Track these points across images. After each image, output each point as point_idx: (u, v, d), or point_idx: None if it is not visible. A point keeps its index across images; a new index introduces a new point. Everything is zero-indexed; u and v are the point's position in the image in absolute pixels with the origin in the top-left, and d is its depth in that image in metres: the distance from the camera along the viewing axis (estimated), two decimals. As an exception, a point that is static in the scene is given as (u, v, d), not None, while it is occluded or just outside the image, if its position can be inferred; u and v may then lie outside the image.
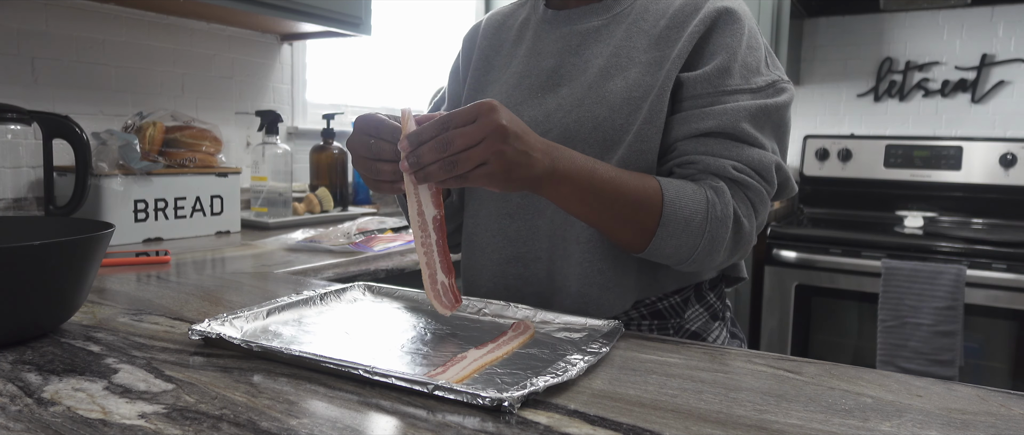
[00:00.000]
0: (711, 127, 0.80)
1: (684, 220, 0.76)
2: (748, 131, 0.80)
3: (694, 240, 0.77)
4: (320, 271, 1.25)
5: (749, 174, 0.80)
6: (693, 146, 0.81)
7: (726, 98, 0.81)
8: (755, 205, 0.80)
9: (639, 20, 0.88)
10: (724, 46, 0.82)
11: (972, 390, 0.62)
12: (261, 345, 0.65)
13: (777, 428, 0.53)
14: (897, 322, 2.06)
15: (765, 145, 0.81)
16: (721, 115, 0.80)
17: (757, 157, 0.80)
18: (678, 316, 0.90)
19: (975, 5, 2.55)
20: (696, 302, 0.92)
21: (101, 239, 0.73)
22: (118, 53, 1.65)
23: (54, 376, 0.61)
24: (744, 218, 0.79)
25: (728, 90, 0.81)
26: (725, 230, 0.77)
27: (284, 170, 1.80)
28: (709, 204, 0.77)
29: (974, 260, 2.04)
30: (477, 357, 0.65)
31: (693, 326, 0.91)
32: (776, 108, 0.82)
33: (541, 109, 0.89)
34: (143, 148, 1.47)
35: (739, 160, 0.80)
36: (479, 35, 1.02)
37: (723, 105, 0.80)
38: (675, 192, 0.77)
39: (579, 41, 0.91)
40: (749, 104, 0.80)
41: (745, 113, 0.80)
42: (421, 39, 2.63)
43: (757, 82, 0.82)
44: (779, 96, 0.83)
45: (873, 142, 2.68)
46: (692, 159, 0.81)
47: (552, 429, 0.51)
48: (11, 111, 1.22)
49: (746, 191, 0.80)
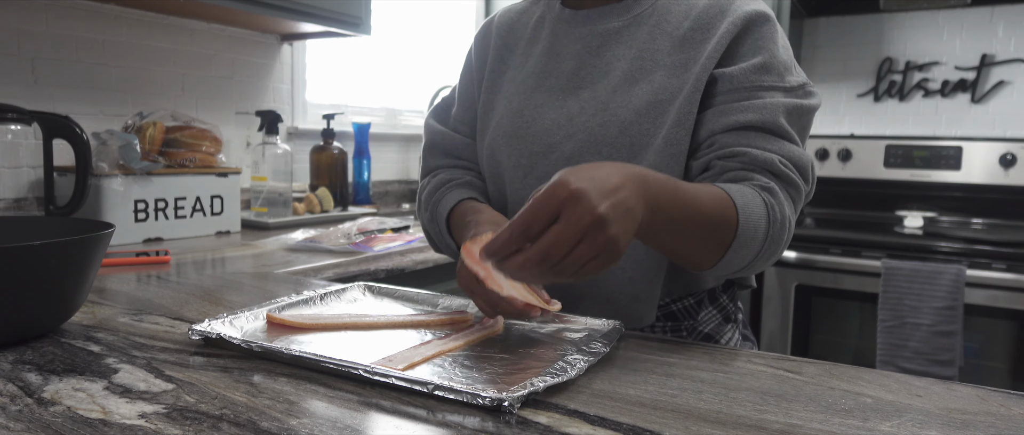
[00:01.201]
0: (752, 120, 0.79)
1: (754, 229, 0.73)
2: (785, 127, 0.79)
3: (759, 246, 0.75)
4: (320, 271, 1.25)
5: (792, 169, 0.78)
6: (735, 138, 0.79)
7: (764, 94, 0.80)
8: (795, 202, 0.79)
9: (661, 21, 0.87)
10: (761, 46, 0.82)
11: (972, 390, 0.62)
12: (261, 345, 0.65)
13: (777, 428, 0.53)
14: (897, 322, 2.06)
15: (799, 143, 0.81)
16: (761, 109, 0.79)
17: (797, 153, 0.79)
18: (691, 318, 0.90)
19: (975, 5, 2.55)
20: (709, 305, 0.91)
21: (101, 239, 0.73)
22: (118, 53, 1.65)
23: (54, 376, 0.61)
24: (791, 215, 0.78)
25: (765, 86, 0.80)
26: (784, 232, 0.76)
27: (284, 170, 1.80)
28: (768, 208, 0.75)
29: (974, 260, 2.04)
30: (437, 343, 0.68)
31: (706, 328, 0.91)
32: (808, 109, 0.82)
33: (563, 112, 0.89)
34: (143, 148, 1.47)
35: (783, 155, 0.78)
36: (493, 33, 1.00)
37: (762, 100, 0.80)
38: (743, 201, 0.73)
39: (599, 42, 0.89)
40: (785, 101, 0.80)
41: (783, 109, 0.79)
42: (421, 39, 2.63)
43: (790, 82, 0.82)
44: (810, 99, 0.83)
45: (873, 142, 2.68)
46: (737, 151, 0.78)
47: (552, 429, 0.51)
48: (11, 111, 1.22)
49: (789, 187, 0.78)
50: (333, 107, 2.27)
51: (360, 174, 2.22)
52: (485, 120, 0.97)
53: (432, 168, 1.03)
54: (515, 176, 0.92)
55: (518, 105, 0.93)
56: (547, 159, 0.89)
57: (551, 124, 0.89)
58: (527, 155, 0.90)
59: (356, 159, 2.21)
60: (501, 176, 0.94)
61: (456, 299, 0.87)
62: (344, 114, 2.29)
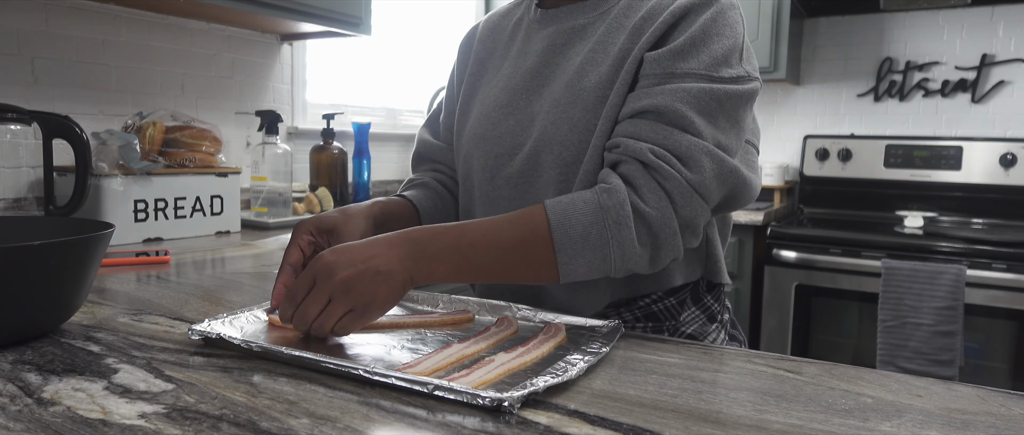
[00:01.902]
0: (645, 106, 0.76)
1: (580, 238, 0.73)
2: (683, 113, 0.75)
3: (601, 251, 0.73)
4: (320, 271, 1.24)
5: (668, 160, 0.74)
6: (624, 128, 0.78)
7: (674, 80, 0.77)
8: (671, 194, 0.74)
9: (621, 16, 0.86)
10: (688, 31, 0.78)
11: (972, 390, 0.62)
12: (261, 345, 0.65)
13: (777, 428, 0.53)
14: (897, 322, 2.06)
15: (702, 132, 0.75)
16: (659, 95, 0.76)
17: (686, 143, 0.74)
18: (674, 318, 0.89)
19: (975, 5, 2.55)
20: (692, 305, 0.90)
21: (101, 239, 0.73)
22: (118, 53, 1.65)
23: (54, 376, 0.61)
24: (650, 209, 0.73)
25: (678, 72, 0.77)
26: (628, 230, 0.73)
27: (284, 170, 1.80)
28: (602, 210, 0.73)
29: (974, 260, 2.04)
30: (505, 361, 0.64)
31: (689, 329, 0.90)
32: (728, 96, 0.77)
33: (526, 113, 0.89)
34: (143, 148, 1.47)
35: (661, 145, 0.75)
36: (475, 39, 1.01)
37: (666, 86, 0.77)
38: (562, 214, 0.73)
39: (565, 40, 0.89)
40: (692, 86, 0.76)
41: (685, 95, 0.75)
42: (421, 39, 2.63)
43: (719, 71, 0.77)
44: (739, 85, 0.78)
45: (873, 142, 2.68)
46: (618, 141, 0.77)
47: (552, 429, 0.51)
48: (11, 111, 1.22)
49: (662, 180, 0.74)
50: (333, 107, 2.27)
51: (360, 174, 2.22)
52: (461, 124, 0.98)
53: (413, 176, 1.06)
54: (483, 178, 0.92)
55: (488, 108, 0.93)
56: (511, 161, 0.89)
57: (515, 125, 0.89)
58: (493, 157, 0.91)
59: (356, 159, 2.21)
60: (470, 178, 0.95)
61: (456, 299, 0.87)
62: (344, 114, 2.29)
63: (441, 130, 1.06)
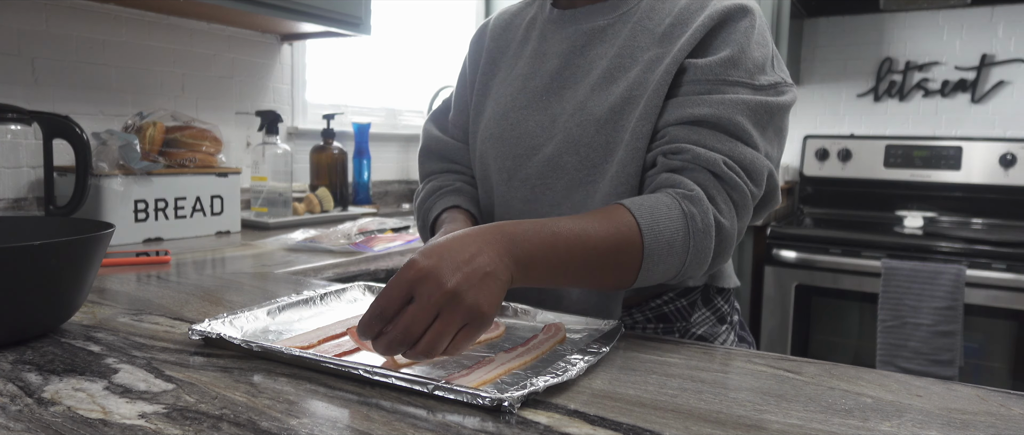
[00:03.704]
0: (705, 114, 0.76)
1: (667, 244, 0.71)
2: (744, 126, 0.76)
3: (680, 258, 0.73)
4: (320, 271, 1.25)
5: (738, 173, 0.75)
6: (685, 133, 0.77)
7: (726, 88, 0.77)
8: (738, 207, 0.76)
9: (645, 19, 0.85)
10: (732, 40, 0.79)
11: (972, 390, 0.62)
12: (261, 345, 0.65)
13: (777, 428, 0.53)
14: (897, 322, 2.06)
15: (759, 146, 0.77)
16: (718, 104, 0.76)
17: (750, 157, 0.76)
18: (684, 320, 0.89)
19: (975, 5, 2.55)
20: (703, 306, 0.90)
21: (101, 239, 0.73)
22: (118, 53, 1.65)
23: (54, 376, 0.61)
24: (726, 221, 0.74)
25: (730, 81, 0.77)
26: (709, 240, 0.73)
27: (284, 170, 1.80)
28: (688, 218, 0.72)
29: (974, 260, 2.04)
30: (505, 360, 0.64)
31: (699, 330, 0.90)
32: (777, 108, 0.79)
33: (547, 113, 0.88)
34: (143, 148, 1.47)
35: (731, 156, 0.75)
36: (487, 37, 1.00)
37: (722, 95, 0.77)
38: (651, 218, 0.71)
39: (585, 41, 0.88)
40: (749, 98, 0.76)
41: (743, 107, 0.76)
42: (421, 39, 2.63)
43: (761, 80, 0.78)
44: (781, 96, 0.79)
45: (873, 142, 2.68)
46: (682, 147, 0.76)
47: (552, 429, 0.51)
48: (11, 111, 1.22)
49: (731, 191, 0.75)
50: (333, 107, 2.27)
51: (360, 174, 2.22)
52: (475, 123, 0.97)
53: (428, 173, 1.04)
54: (500, 179, 0.92)
55: (504, 107, 0.92)
56: (530, 161, 0.88)
57: (534, 126, 0.88)
58: (511, 158, 0.90)
59: (356, 159, 2.21)
60: (488, 179, 0.94)
61: None
62: (344, 114, 2.29)
63: (450, 127, 1.05)
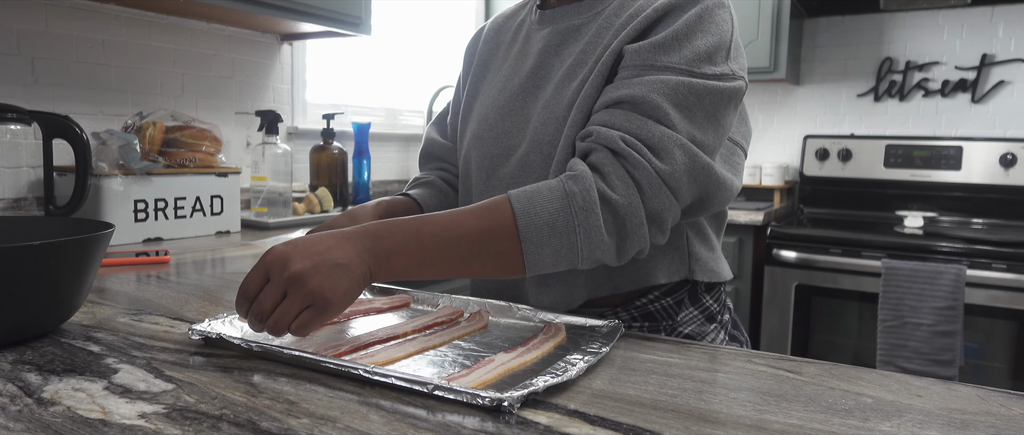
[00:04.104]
0: (622, 96, 0.75)
1: (546, 226, 0.70)
2: (658, 104, 0.73)
3: (568, 239, 0.71)
4: (320, 271, 1.24)
5: (639, 149, 0.72)
6: (599, 117, 0.76)
7: (653, 72, 0.76)
8: (640, 184, 0.72)
9: (612, 16, 0.85)
10: (671, 26, 0.77)
11: (972, 390, 0.62)
12: (261, 345, 0.65)
13: (777, 428, 0.53)
14: (897, 322, 2.06)
15: (677, 125, 0.74)
16: (636, 85, 0.75)
17: (658, 133, 0.73)
18: (671, 318, 0.89)
19: (975, 5, 2.55)
20: (690, 305, 0.90)
21: (101, 239, 0.73)
22: (118, 53, 1.65)
23: (54, 376, 0.61)
24: (617, 196, 0.72)
25: (658, 65, 0.76)
26: (595, 217, 0.71)
27: (284, 170, 1.80)
28: (568, 196, 0.71)
29: (974, 260, 2.04)
30: (505, 360, 0.65)
31: (686, 329, 0.89)
32: (708, 92, 0.75)
33: (522, 114, 0.89)
34: (143, 148, 1.47)
35: (634, 134, 0.73)
36: (481, 40, 1.02)
37: (644, 77, 0.75)
38: (527, 203, 0.71)
39: (559, 41, 0.89)
40: (671, 79, 0.74)
41: (663, 86, 0.74)
42: (421, 39, 2.63)
43: (703, 68, 0.76)
44: (718, 82, 0.76)
45: (873, 142, 2.67)
46: (589, 130, 0.76)
47: (552, 429, 0.51)
48: (11, 111, 1.22)
49: (631, 168, 0.72)
50: (333, 107, 2.27)
51: (360, 174, 2.22)
52: (463, 125, 0.99)
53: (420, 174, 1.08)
54: (479, 179, 0.93)
55: (487, 109, 0.94)
56: (506, 162, 0.89)
57: (510, 126, 0.90)
58: (489, 158, 0.91)
59: (356, 159, 2.21)
60: (469, 178, 0.96)
61: (456, 298, 0.87)
62: (344, 114, 2.29)
63: (448, 130, 1.08)
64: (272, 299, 0.64)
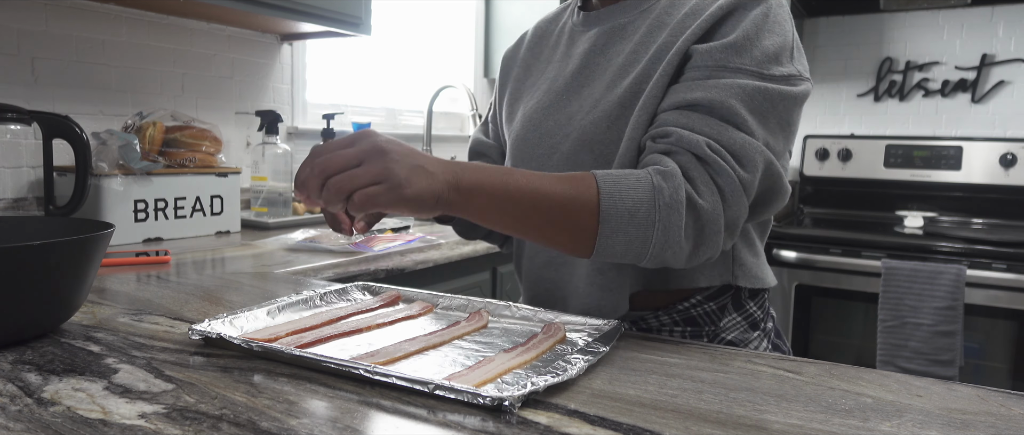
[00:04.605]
0: (698, 99, 0.74)
1: (627, 212, 0.69)
2: (737, 111, 0.73)
3: (644, 232, 0.70)
4: (320, 271, 1.25)
5: (724, 156, 0.72)
6: (675, 117, 0.75)
7: (726, 74, 0.75)
8: (723, 191, 0.72)
9: (663, 14, 0.84)
10: (740, 27, 0.76)
11: (972, 390, 0.62)
12: (261, 345, 0.65)
13: (777, 428, 0.53)
14: (897, 322, 2.06)
15: (755, 133, 0.74)
16: (712, 88, 0.74)
17: (740, 141, 0.72)
18: (713, 324, 0.86)
19: (975, 5, 2.55)
20: (734, 310, 0.87)
21: (101, 239, 0.73)
22: (118, 53, 1.65)
23: (54, 376, 0.61)
24: (703, 202, 0.71)
25: (730, 67, 0.75)
26: (678, 217, 0.70)
27: (284, 170, 1.80)
28: (655, 190, 0.70)
29: (974, 260, 2.04)
30: (505, 360, 0.65)
31: (730, 335, 0.87)
32: (781, 97, 0.75)
33: (565, 113, 0.88)
34: (143, 148, 1.47)
35: (717, 140, 0.72)
36: (524, 44, 1.03)
37: (720, 80, 0.75)
38: (613, 184, 0.70)
39: (605, 40, 0.88)
40: (746, 83, 0.74)
41: (740, 91, 0.74)
42: (421, 39, 2.63)
43: (771, 69, 0.75)
44: (790, 86, 0.76)
45: (873, 142, 2.67)
46: (668, 130, 0.74)
47: (552, 429, 0.51)
48: (11, 111, 1.22)
49: (715, 174, 0.72)
50: (333, 107, 2.27)
51: (360, 174, 2.21)
52: (508, 128, 0.99)
53: None
54: None
55: (530, 110, 0.93)
56: (550, 161, 0.88)
57: (553, 125, 0.89)
58: (534, 159, 0.90)
59: (356, 159, 2.20)
60: None
61: (456, 298, 0.87)
62: (344, 114, 2.29)
63: (490, 128, 1.07)
64: (346, 160, 0.62)
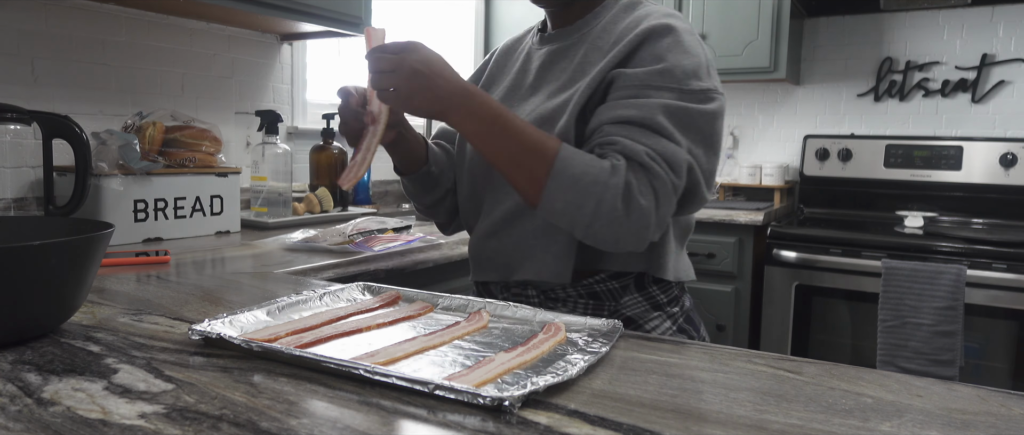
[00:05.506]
0: (631, 116, 0.85)
1: (573, 177, 0.81)
2: (664, 125, 0.84)
3: (582, 199, 0.81)
4: (320, 271, 1.25)
5: (660, 163, 0.83)
6: (616, 130, 0.86)
7: (651, 93, 0.86)
8: (658, 193, 0.83)
9: (597, 38, 0.96)
10: (656, 53, 0.88)
11: (972, 390, 0.62)
12: (261, 345, 0.65)
13: (777, 428, 0.53)
14: (897, 322, 2.06)
15: (680, 142, 0.85)
16: (641, 107, 0.85)
17: (671, 150, 0.84)
18: (614, 300, 0.97)
19: (975, 5, 2.55)
20: (635, 291, 0.97)
21: (101, 239, 0.73)
22: (118, 53, 1.65)
23: (54, 376, 0.61)
24: (640, 197, 0.82)
25: (653, 86, 0.86)
26: (614, 198, 0.80)
27: (284, 170, 1.80)
28: (602, 171, 0.81)
29: (974, 260, 2.04)
30: (505, 360, 0.65)
31: (629, 312, 0.97)
32: (700, 113, 0.86)
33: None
34: (143, 148, 1.47)
35: (653, 149, 0.83)
36: (491, 61, 1.14)
37: (645, 99, 0.85)
38: (572, 151, 0.83)
39: (552, 58, 1.00)
40: (669, 102, 0.85)
41: (663, 108, 0.85)
42: (421, 39, 2.63)
43: (691, 84, 0.87)
44: (706, 104, 0.87)
45: (873, 142, 2.67)
46: (614, 140, 0.85)
47: (552, 429, 0.51)
48: (11, 111, 1.22)
49: (652, 178, 0.83)
50: (333, 107, 2.27)
51: (360, 174, 2.21)
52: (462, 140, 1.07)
53: None
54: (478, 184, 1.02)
55: None
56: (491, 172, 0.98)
57: None
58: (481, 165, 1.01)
59: (356, 159, 2.20)
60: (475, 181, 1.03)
61: (456, 298, 0.87)
62: (344, 114, 2.28)
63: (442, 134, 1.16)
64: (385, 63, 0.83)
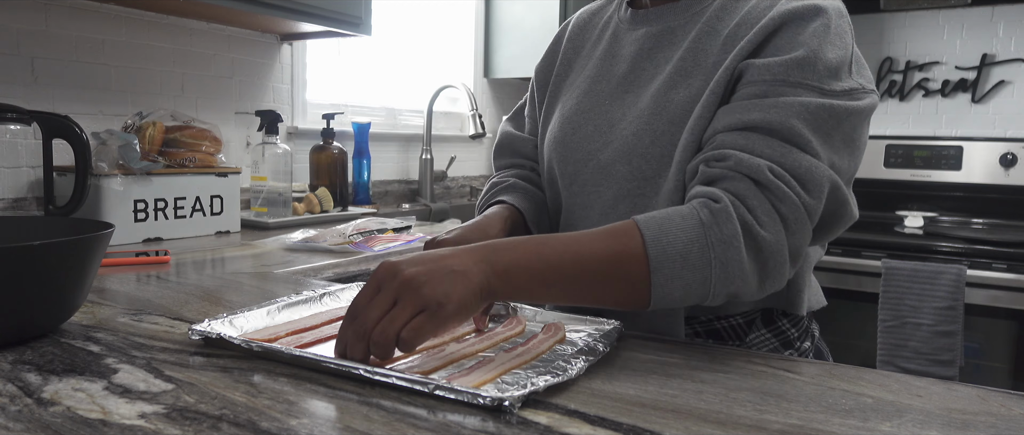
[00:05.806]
0: (757, 120, 0.69)
1: (679, 257, 0.65)
2: (800, 132, 0.68)
3: (701, 274, 0.65)
4: (320, 271, 1.25)
5: (788, 182, 0.67)
6: (733, 139, 0.70)
7: (786, 91, 0.70)
8: (786, 220, 0.67)
9: (714, 20, 0.79)
10: (799, 41, 0.71)
11: (972, 390, 0.62)
12: (261, 345, 0.65)
13: (777, 428, 0.53)
14: (897, 322, 2.06)
15: (820, 154, 0.69)
16: (771, 108, 0.68)
17: (806, 164, 0.67)
18: (738, 339, 0.82)
19: (975, 5, 2.55)
20: (763, 326, 0.83)
21: (101, 239, 0.73)
22: (118, 53, 1.65)
23: (54, 376, 0.61)
24: (766, 233, 0.66)
25: (790, 82, 0.70)
26: (736, 251, 0.65)
27: (284, 170, 1.80)
28: (704, 227, 0.66)
29: (974, 260, 2.04)
30: (505, 360, 0.65)
31: None
32: (846, 113, 0.70)
33: (606, 118, 0.85)
34: (143, 148, 1.47)
35: (781, 163, 0.67)
36: (565, 36, 0.98)
37: (780, 98, 0.69)
38: (658, 229, 0.66)
39: (653, 44, 0.84)
40: (809, 101, 0.68)
41: (802, 110, 0.68)
42: (421, 39, 2.63)
43: (832, 85, 0.70)
44: (853, 101, 0.71)
45: (873, 142, 2.67)
46: (726, 154, 0.69)
47: (552, 429, 0.51)
48: (11, 111, 1.22)
49: (778, 202, 0.66)
50: (333, 107, 2.27)
51: (360, 174, 2.22)
52: (545, 125, 0.96)
53: (497, 169, 1.04)
54: (564, 184, 0.90)
55: (570, 111, 0.90)
56: (586, 167, 0.85)
57: (593, 130, 0.86)
58: (571, 162, 0.87)
59: (356, 159, 2.21)
60: (555, 183, 0.92)
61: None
62: (344, 114, 2.29)
63: (526, 121, 1.04)
64: (381, 307, 0.59)
